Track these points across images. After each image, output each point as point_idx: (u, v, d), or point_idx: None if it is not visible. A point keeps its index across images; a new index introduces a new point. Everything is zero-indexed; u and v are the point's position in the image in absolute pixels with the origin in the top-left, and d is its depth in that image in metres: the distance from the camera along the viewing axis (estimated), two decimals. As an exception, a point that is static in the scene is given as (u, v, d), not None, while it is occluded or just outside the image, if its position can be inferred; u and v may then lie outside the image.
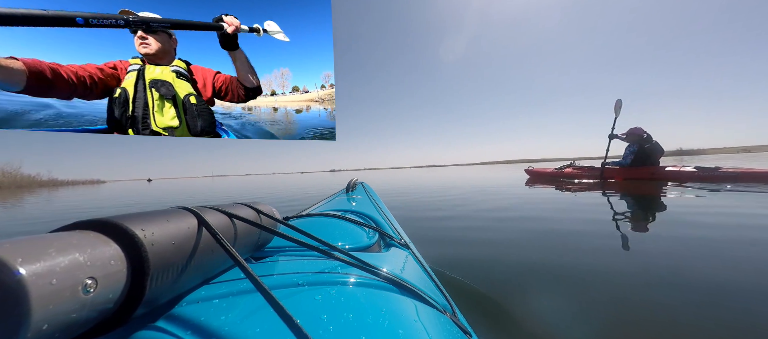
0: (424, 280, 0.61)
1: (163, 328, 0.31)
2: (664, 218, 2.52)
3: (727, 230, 1.99)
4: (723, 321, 0.96)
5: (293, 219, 0.85)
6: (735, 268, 1.36)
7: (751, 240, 1.77)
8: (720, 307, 1.05)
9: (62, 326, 0.23)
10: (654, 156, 5.83)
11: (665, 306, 1.07)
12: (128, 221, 0.31)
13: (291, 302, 0.36)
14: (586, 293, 1.20)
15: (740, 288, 1.17)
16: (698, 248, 1.66)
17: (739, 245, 1.68)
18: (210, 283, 0.42)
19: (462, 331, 0.48)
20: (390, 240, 0.80)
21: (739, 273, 1.31)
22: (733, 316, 0.99)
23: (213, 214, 0.42)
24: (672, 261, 1.49)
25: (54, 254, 0.23)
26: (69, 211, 5.55)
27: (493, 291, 1.23)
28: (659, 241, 1.86)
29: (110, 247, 0.28)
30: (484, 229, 2.43)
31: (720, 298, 1.11)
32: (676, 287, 1.21)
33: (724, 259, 1.48)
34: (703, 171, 4.92)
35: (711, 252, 1.59)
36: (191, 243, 0.36)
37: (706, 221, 2.26)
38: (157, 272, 0.31)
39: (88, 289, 0.24)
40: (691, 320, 0.98)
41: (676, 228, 2.12)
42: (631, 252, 1.68)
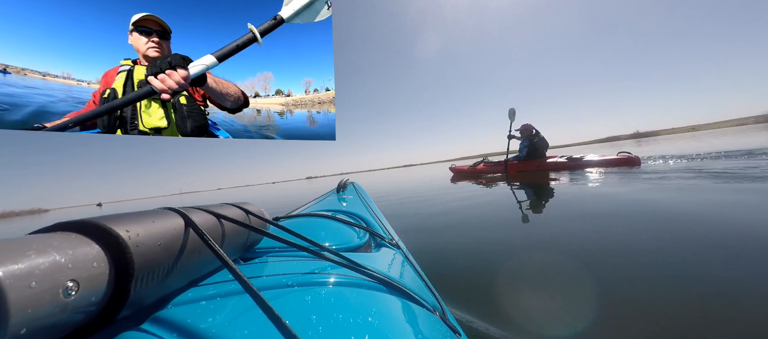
0: (414, 279, 0.62)
1: (149, 330, 0.31)
2: (552, 199, 3.25)
3: (587, 204, 2.71)
4: (584, 266, 1.43)
5: (283, 219, 0.84)
6: (597, 231, 1.90)
7: (594, 212, 2.43)
8: (580, 258, 1.52)
9: (42, 330, 0.22)
10: (541, 149, 6.68)
11: (544, 260, 1.58)
12: (111, 222, 0.30)
13: (280, 303, 0.36)
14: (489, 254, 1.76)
15: (598, 247, 1.65)
16: (571, 219, 2.28)
17: (593, 215, 2.31)
18: (197, 284, 0.42)
19: (451, 329, 0.48)
20: (380, 240, 0.79)
21: (597, 235, 1.84)
22: (590, 264, 1.43)
23: (200, 215, 0.42)
24: (555, 229, 2.10)
25: (33, 256, 0.22)
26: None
27: (475, 285, 1.39)
28: (549, 216, 2.54)
29: (92, 249, 0.27)
30: (411, 215, 3.21)
31: (585, 254, 1.57)
32: (554, 246, 1.76)
33: (585, 225, 2.08)
34: (572, 160, 5.92)
35: (581, 221, 2.21)
36: (178, 244, 0.36)
37: (576, 198, 3.10)
38: (142, 274, 0.30)
39: (70, 291, 0.24)
40: (555, 266, 1.50)
41: (560, 205, 2.90)
42: (521, 226, 2.30)
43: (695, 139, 15.48)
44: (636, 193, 2.93)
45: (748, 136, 10.58)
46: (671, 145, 11.32)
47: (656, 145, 12.51)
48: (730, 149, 6.05)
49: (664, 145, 11.66)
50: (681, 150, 7.93)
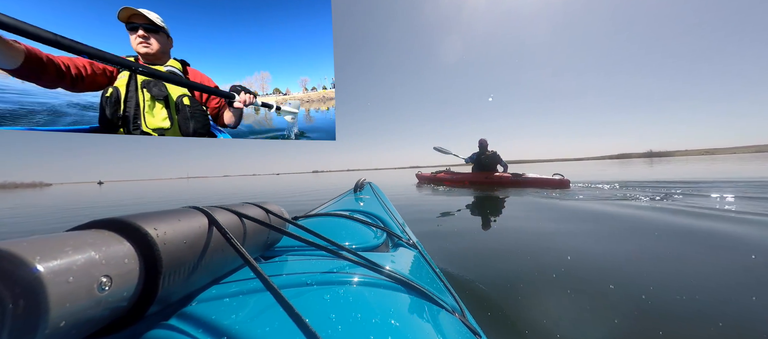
0: (432, 280, 0.61)
1: (176, 326, 0.32)
2: (491, 209, 3.64)
3: (517, 220, 2.94)
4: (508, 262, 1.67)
5: (301, 219, 0.85)
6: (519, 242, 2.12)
7: (524, 228, 2.58)
8: (507, 259, 1.73)
9: (78, 323, 0.23)
10: (492, 164, 7.11)
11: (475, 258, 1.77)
12: (141, 220, 0.31)
13: (300, 302, 0.37)
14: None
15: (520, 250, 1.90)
16: (504, 229, 2.55)
17: (521, 230, 2.51)
18: (220, 282, 0.43)
19: (471, 331, 0.48)
20: (398, 240, 0.80)
21: (522, 245, 2.03)
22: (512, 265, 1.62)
23: (223, 214, 0.43)
24: (489, 236, 2.35)
25: (70, 252, 0.23)
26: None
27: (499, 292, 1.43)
28: (486, 224, 2.79)
29: (124, 246, 0.28)
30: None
31: (512, 254, 1.82)
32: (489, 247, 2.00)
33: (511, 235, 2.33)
34: (515, 176, 6.42)
35: (512, 231, 2.44)
36: (202, 242, 0.37)
37: (513, 213, 3.33)
38: (169, 271, 0.31)
39: (104, 287, 0.25)
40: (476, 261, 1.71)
41: (497, 214, 3.27)
42: (463, 230, 2.54)
43: (689, 164, 15.58)
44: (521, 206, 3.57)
45: (728, 165, 10.61)
46: (645, 169, 11.38)
47: (637, 168, 12.65)
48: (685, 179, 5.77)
49: (641, 169, 11.76)
50: (638, 175, 7.97)
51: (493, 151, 7.14)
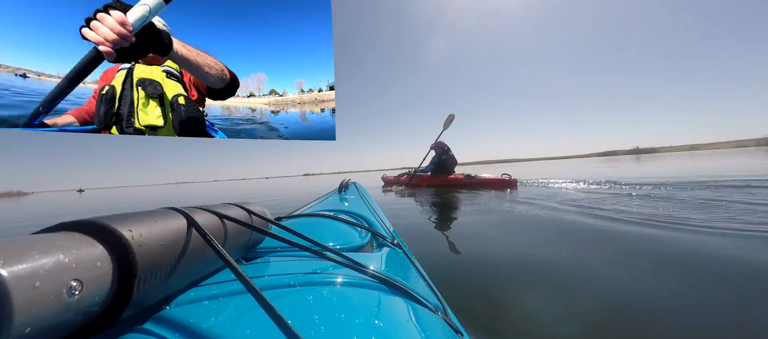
0: (416, 279, 0.62)
1: (151, 330, 0.31)
2: (452, 210, 3.84)
3: (473, 215, 3.27)
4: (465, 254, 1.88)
5: (285, 219, 0.84)
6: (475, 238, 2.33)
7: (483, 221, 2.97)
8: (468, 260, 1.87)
9: (46, 329, 0.22)
10: (449, 166, 7.19)
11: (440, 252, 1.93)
12: (115, 222, 0.30)
13: (282, 303, 0.36)
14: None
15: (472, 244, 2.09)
16: (463, 225, 2.84)
17: (476, 225, 2.82)
18: (200, 284, 0.42)
19: (454, 330, 0.48)
20: (382, 240, 0.80)
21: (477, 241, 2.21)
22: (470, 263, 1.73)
23: (202, 215, 0.42)
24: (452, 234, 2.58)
25: (37, 256, 0.22)
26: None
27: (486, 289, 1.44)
28: (446, 223, 3.05)
29: (96, 249, 0.27)
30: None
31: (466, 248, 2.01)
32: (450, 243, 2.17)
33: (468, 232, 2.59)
34: (468, 178, 6.62)
35: (468, 227, 2.73)
36: (180, 244, 0.36)
37: (468, 209, 3.69)
38: (145, 274, 0.30)
39: (73, 291, 0.24)
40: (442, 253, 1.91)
41: (455, 213, 3.51)
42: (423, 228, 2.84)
43: (667, 161, 16.30)
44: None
45: (704, 161, 11.10)
46: (632, 166, 11.87)
47: (621, 164, 13.11)
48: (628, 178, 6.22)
49: (624, 166, 12.26)
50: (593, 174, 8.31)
51: (451, 154, 7.21)
